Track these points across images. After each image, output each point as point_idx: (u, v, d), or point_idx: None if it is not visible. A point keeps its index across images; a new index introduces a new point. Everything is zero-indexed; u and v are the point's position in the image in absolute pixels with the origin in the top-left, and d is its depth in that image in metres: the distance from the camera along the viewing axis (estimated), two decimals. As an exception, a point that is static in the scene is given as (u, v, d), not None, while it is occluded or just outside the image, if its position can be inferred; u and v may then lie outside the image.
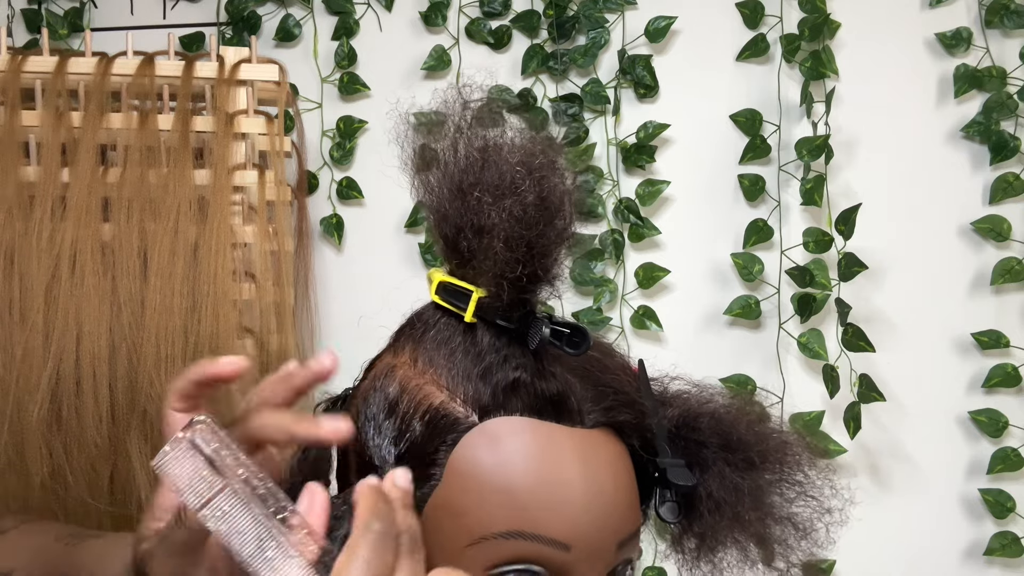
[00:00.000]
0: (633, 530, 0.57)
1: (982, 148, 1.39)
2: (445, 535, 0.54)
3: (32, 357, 1.02)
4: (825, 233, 1.37)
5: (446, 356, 0.57)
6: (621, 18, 1.41)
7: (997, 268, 1.37)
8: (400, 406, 0.57)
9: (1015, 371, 1.37)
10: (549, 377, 0.56)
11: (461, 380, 0.56)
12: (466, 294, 0.56)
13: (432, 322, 0.59)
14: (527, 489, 0.53)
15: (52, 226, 1.05)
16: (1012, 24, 1.37)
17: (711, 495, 0.60)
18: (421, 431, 0.55)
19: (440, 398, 0.56)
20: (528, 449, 0.54)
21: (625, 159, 1.40)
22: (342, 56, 1.42)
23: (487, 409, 0.55)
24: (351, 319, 1.41)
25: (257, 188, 1.14)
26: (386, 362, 0.61)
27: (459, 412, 0.55)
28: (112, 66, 1.14)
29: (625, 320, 1.40)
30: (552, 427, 0.55)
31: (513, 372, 0.55)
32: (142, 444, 1.04)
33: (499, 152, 0.56)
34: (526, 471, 0.53)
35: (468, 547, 0.53)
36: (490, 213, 0.54)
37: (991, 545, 1.38)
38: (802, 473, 0.63)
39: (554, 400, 0.55)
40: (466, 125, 0.58)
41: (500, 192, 0.55)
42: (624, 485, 0.57)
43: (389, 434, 0.57)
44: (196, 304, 1.06)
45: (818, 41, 1.38)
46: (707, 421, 0.62)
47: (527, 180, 0.55)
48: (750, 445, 0.61)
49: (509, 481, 0.53)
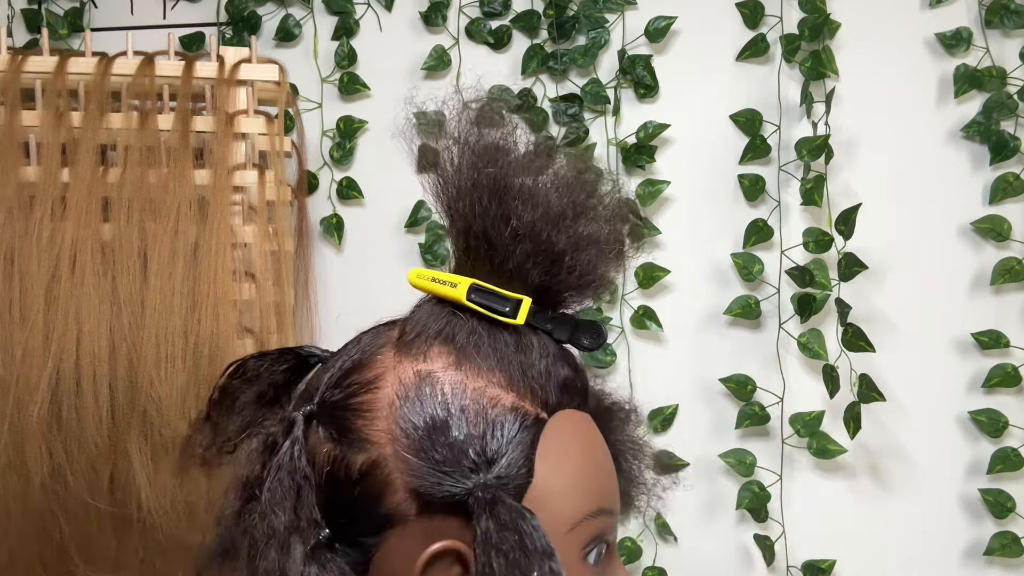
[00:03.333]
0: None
1: (982, 148, 1.39)
2: (544, 525, 0.57)
3: (32, 357, 1.02)
4: (825, 233, 1.37)
5: (498, 359, 0.60)
6: (621, 18, 1.41)
7: (997, 268, 1.37)
8: (467, 412, 0.58)
9: (1015, 371, 1.37)
10: (580, 371, 0.64)
11: (521, 380, 0.60)
12: (509, 300, 0.61)
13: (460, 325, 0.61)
14: (596, 471, 0.61)
15: (52, 226, 1.05)
16: (1012, 24, 1.37)
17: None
18: (505, 431, 0.58)
19: (509, 399, 0.59)
20: (587, 437, 0.62)
21: (625, 159, 1.40)
22: (342, 56, 1.42)
23: (553, 406, 0.61)
24: (351, 319, 1.41)
25: (257, 188, 1.14)
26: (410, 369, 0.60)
27: (530, 410, 0.60)
28: (112, 66, 1.14)
29: (625, 320, 1.40)
30: (585, 415, 0.63)
31: (562, 370, 0.62)
32: (142, 444, 1.04)
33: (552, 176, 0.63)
34: (591, 455, 0.61)
35: (567, 534, 0.58)
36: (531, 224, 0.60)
37: (991, 545, 1.38)
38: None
39: (583, 391, 0.64)
40: (528, 142, 0.66)
41: (578, 206, 0.62)
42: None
43: (460, 440, 0.57)
44: (196, 304, 1.06)
45: (818, 41, 1.38)
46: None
47: (591, 194, 0.62)
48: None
49: (583, 467, 0.60)
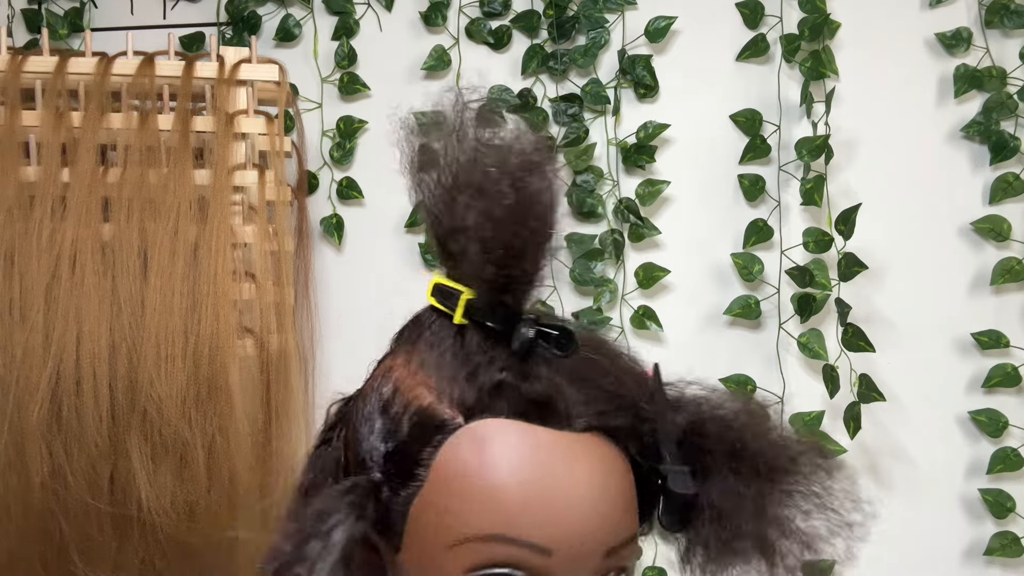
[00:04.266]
0: (625, 538, 0.56)
1: (982, 148, 1.39)
2: (428, 535, 0.54)
3: (32, 357, 1.02)
4: (825, 233, 1.37)
5: (436, 358, 0.57)
6: (621, 18, 1.41)
7: (997, 268, 1.37)
8: (392, 406, 0.57)
9: (1015, 371, 1.37)
10: (534, 379, 0.55)
11: (448, 381, 0.55)
12: (456, 295, 0.56)
13: (427, 323, 0.60)
14: (509, 492, 0.53)
15: (52, 226, 1.05)
16: (1012, 24, 1.37)
17: (712, 504, 0.58)
18: (409, 431, 0.56)
19: (429, 399, 0.56)
20: (512, 452, 0.53)
21: (625, 159, 1.40)
22: (342, 56, 1.42)
23: (472, 411, 0.55)
24: (351, 319, 1.41)
25: (257, 188, 1.14)
26: (386, 363, 0.61)
27: (446, 413, 0.55)
28: (112, 66, 1.14)
29: (625, 320, 1.40)
30: (538, 430, 0.54)
31: (498, 374, 0.55)
32: (142, 444, 1.04)
33: (481, 154, 0.56)
34: (509, 474, 0.53)
35: (451, 547, 0.53)
36: (466, 215, 0.54)
37: (991, 545, 1.38)
38: (818, 485, 0.59)
39: (539, 402, 0.55)
40: (459, 127, 0.58)
41: (478, 193, 0.54)
42: (615, 491, 0.55)
43: (380, 433, 0.57)
44: (196, 304, 1.06)
45: (818, 41, 1.38)
46: (714, 427, 0.59)
47: (503, 182, 0.54)
48: (757, 454, 0.58)
49: (492, 483, 0.53)
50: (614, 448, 0.56)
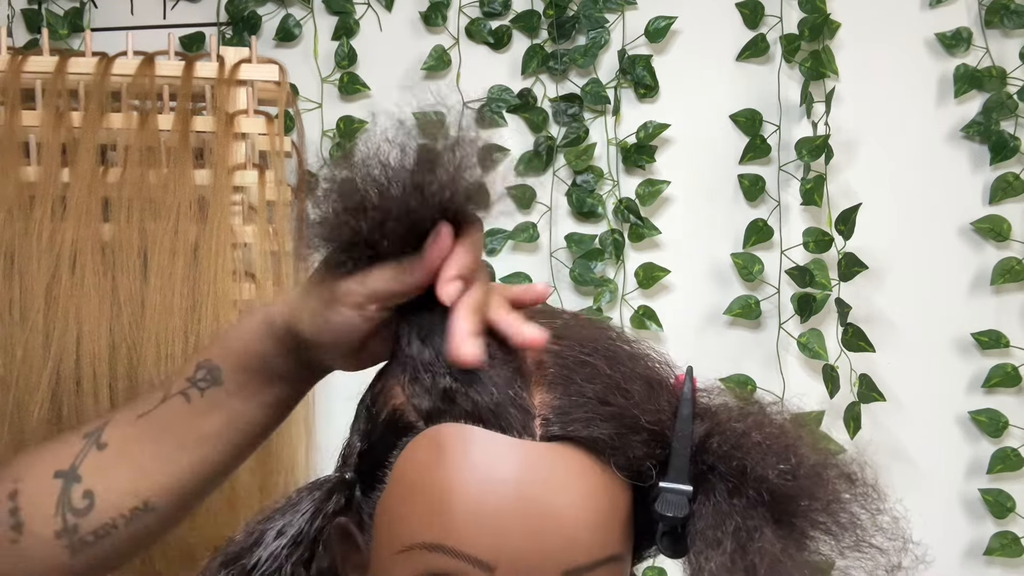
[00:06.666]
0: (597, 559, 0.50)
1: (982, 148, 1.39)
2: (383, 539, 0.52)
3: (32, 357, 1.02)
4: (825, 233, 1.37)
5: (415, 355, 0.54)
6: (621, 18, 1.41)
7: (997, 268, 1.37)
8: (375, 404, 0.55)
9: (1015, 371, 1.37)
10: (485, 383, 0.51)
11: (415, 382, 0.53)
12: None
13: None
14: (455, 501, 0.49)
15: (52, 226, 1.05)
16: (1012, 24, 1.37)
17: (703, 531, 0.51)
18: (382, 432, 0.53)
19: (401, 399, 0.53)
20: (462, 459, 0.50)
21: (625, 159, 1.40)
22: (342, 56, 1.42)
23: (430, 415, 0.51)
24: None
25: (257, 188, 1.14)
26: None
27: (412, 416, 0.52)
28: (112, 66, 1.14)
29: (625, 320, 1.40)
30: (493, 438, 0.50)
31: (442, 380, 0.51)
32: (142, 444, 1.03)
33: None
34: (456, 482, 0.49)
35: (397, 554, 0.51)
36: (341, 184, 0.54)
37: (991, 545, 1.38)
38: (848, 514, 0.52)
39: (491, 409, 0.50)
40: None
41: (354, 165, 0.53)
42: (581, 506, 0.50)
43: (361, 431, 0.56)
44: (196, 304, 1.06)
45: (818, 41, 1.38)
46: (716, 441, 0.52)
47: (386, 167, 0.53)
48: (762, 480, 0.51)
49: (439, 491, 0.49)
50: (591, 460, 0.51)
